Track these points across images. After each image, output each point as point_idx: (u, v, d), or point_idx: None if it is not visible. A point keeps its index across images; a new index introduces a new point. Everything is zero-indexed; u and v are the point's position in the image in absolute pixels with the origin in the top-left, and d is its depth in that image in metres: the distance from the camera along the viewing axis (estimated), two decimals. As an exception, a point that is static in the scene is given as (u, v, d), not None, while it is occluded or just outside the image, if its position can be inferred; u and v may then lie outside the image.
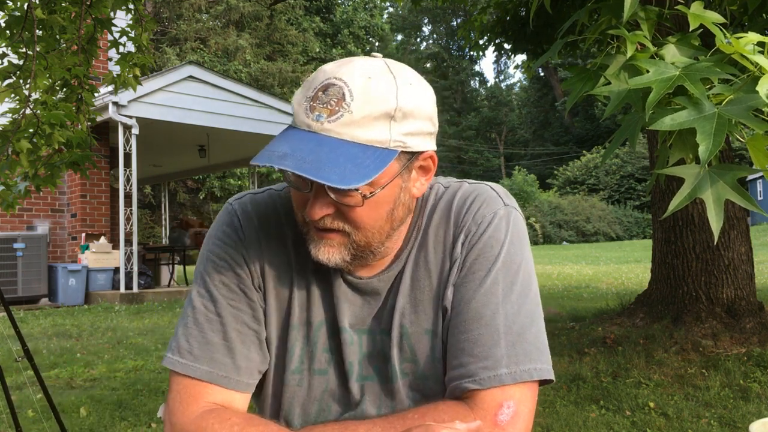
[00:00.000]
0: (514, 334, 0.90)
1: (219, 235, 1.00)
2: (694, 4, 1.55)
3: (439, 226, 0.99)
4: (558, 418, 3.42)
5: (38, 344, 5.88)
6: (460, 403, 0.89)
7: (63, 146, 2.60)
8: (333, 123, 0.83)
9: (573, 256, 19.85)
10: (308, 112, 0.84)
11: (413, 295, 0.97)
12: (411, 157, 0.90)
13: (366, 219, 0.89)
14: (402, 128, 0.86)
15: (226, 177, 22.46)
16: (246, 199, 1.03)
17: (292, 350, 0.98)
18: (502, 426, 0.86)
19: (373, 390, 0.97)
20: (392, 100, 0.84)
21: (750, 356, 4.21)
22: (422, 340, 0.96)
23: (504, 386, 0.87)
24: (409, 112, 0.86)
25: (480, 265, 0.94)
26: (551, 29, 6.21)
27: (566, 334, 5.39)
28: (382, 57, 0.92)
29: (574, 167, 36.45)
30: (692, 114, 1.24)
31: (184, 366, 0.94)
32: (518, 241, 0.97)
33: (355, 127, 0.83)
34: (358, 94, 0.83)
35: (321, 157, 0.81)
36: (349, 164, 0.81)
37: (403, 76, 0.88)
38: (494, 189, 1.01)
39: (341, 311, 0.98)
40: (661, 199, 5.40)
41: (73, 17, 2.75)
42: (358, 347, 0.98)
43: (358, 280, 0.98)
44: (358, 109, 0.83)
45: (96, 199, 9.91)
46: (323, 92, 0.84)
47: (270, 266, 0.99)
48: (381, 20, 32.32)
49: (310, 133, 0.84)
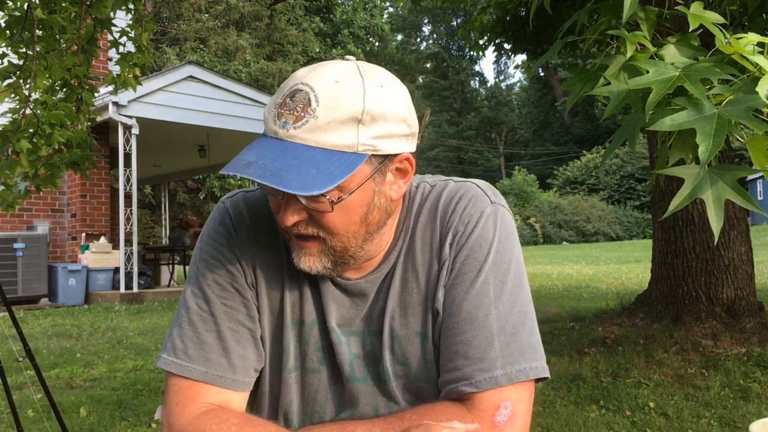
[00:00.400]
0: (507, 334, 0.89)
1: (211, 234, 1.00)
2: (693, 5, 1.55)
3: (425, 226, 0.98)
4: (558, 418, 3.42)
5: (38, 344, 5.88)
6: (458, 404, 0.89)
7: (63, 146, 2.60)
8: (298, 129, 0.82)
9: (573, 256, 19.85)
10: (276, 119, 0.84)
11: (402, 298, 0.97)
12: (384, 160, 0.88)
13: (338, 224, 0.88)
14: (371, 132, 0.84)
15: (226, 177, 22.45)
16: (238, 197, 1.03)
17: (287, 348, 0.98)
18: (499, 427, 0.86)
19: (367, 391, 0.97)
20: (359, 103, 0.83)
21: (750, 356, 4.22)
22: (412, 342, 0.96)
23: (500, 387, 0.87)
24: (378, 114, 0.84)
25: (470, 266, 0.93)
26: (551, 29, 6.21)
27: (566, 334, 5.39)
28: (356, 60, 0.90)
29: (574, 167, 36.45)
30: (692, 114, 1.24)
31: (180, 366, 0.94)
32: (507, 239, 0.95)
33: (321, 133, 0.82)
34: (324, 99, 0.82)
35: (284, 164, 0.80)
36: (313, 170, 0.80)
37: (372, 78, 0.86)
38: (480, 186, 1.00)
39: (329, 311, 0.98)
40: (661, 199, 5.40)
41: (73, 17, 2.75)
42: (347, 348, 0.98)
43: (346, 281, 0.98)
44: (323, 114, 0.82)
45: (96, 199, 9.92)
46: (290, 98, 0.84)
47: (262, 264, 0.99)
48: (381, 20, 32.32)
49: (276, 140, 0.83)
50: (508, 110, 50.88)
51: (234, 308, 0.96)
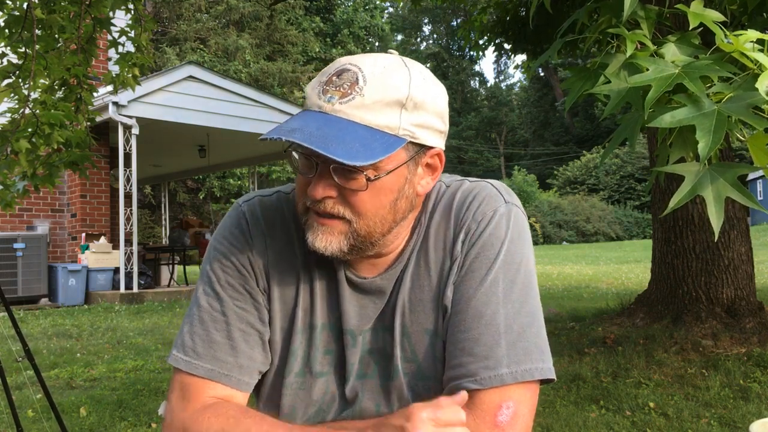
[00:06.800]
0: (514, 334, 0.89)
1: (227, 235, 1.01)
2: (693, 3, 1.54)
3: (439, 224, 0.98)
4: (558, 418, 3.42)
5: (38, 344, 5.88)
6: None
7: (62, 146, 2.60)
8: (344, 104, 0.84)
9: (573, 256, 19.84)
10: (320, 94, 0.86)
11: (413, 294, 0.97)
12: (419, 150, 0.90)
13: (368, 205, 0.89)
14: (412, 118, 0.87)
15: (226, 177, 22.46)
16: (254, 201, 1.03)
17: (295, 353, 0.98)
18: (501, 427, 0.85)
19: (371, 387, 0.97)
20: (404, 89, 0.86)
21: (750, 356, 4.21)
22: (422, 339, 0.96)
23: (504, 386, 0.87)
24: (420, 103, 0.87)
25: (480, 263, 0.93)
26: (551, 29, 6.20)
27: (566, 334, 5.39)
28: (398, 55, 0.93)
29: (574, 167, 36.44)
30: (692, 111, 1.24)
31: (188, 364, 0.94)
32: (519, 239, 0.95)
33: (366, 111, 0.84)
34: (372, 79, 0.85)
35: (328, 133, 0.82)
36: (356, 144, 0.81)
37: (417, 70, 0.90)
38: (495, 186, 1.00)
39: (346, 313, 0.98)
40: (661, 199, 5.40)
41: (72, 17, 2.75)
42: (360, 347, 0.98)
43: (362, 280, 0.98)
44: (370, 93, 0.84)
45: (96, 199, 9.91)
46: (337, 76, 0.86)
47: (276, 269, 0.99)
48: (381, 20, 32.32)
49: (320, 114, 0.85)
50: (508, 110, 50.88)
51: (245, 310, 0.97)
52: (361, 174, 0.85)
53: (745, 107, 1.21)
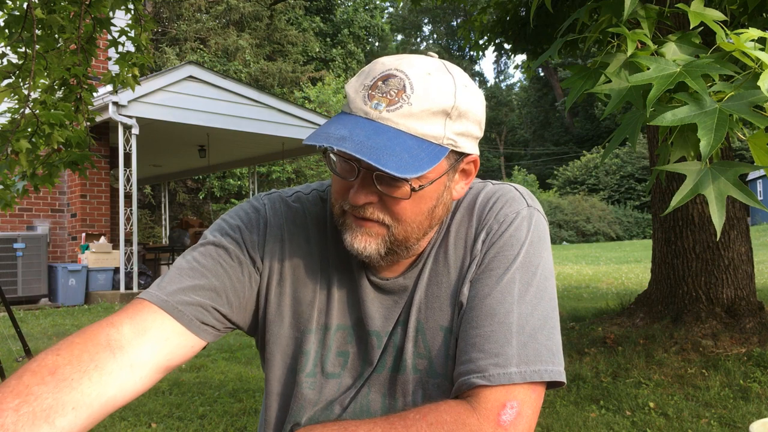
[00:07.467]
0: (526, 335, 0.89)
1: (240, 213, 1.01)
2: (694, 3, 1.54)
3: (461, 223, 0.99)
4: (558, 418, 3.42)
5: (38, 344, 5.87)
6: (462, 402, 0.88)
7: (62, 146, 2.60)
8: (392, 113, 0.83)
9: (573, 256, 19.84)
10: (366, 99, 0.85)
11: (430, 290, 0.98)
12: (459, 158, 0.91)
13: (409, 213, 0.89)
14: (455, 127, 0.87)
15: (226, 177, 22.45)
16: (275, 197, 1.04)
17: (308, 353, 0.98)
18: (504, 426, 0.85)
19: (379, 380, 0.98)
20: (450, 98, 0.86)
21: (750, 356, 4.21)
22: (437, 337, 0.96)
23: (510, 385, 0.86)
24: (464, 112, 0.87)
25: (498, 262, 0.94)
26: (551, 29, 6.20)
27: (566, 334, 5.39)
28: (438, 57, 0.93)
29: (574, 167, 36.44)
30: (693, 110, 1.24)
31: (146, 293, 0.92)
32: (538, 243, 0.96)
33: (413, 120, 0.83)
34: (419, 87, 0.84)
35: (378, 143, 0.81)
36: (406, 154, 0.81)
37: (460, 77, 0.90)
38: (518, 190, 1.01)
39: (369, 316, 0.98)
40: (661, 199, 5.39)
41: (72, 17, 2.75)
42: (381, 348, 0.98)
43: (386, 282, 0.98)
44: (417, 102, 0.83)
45: (96, 199, 9.91)
46: (383, 82, 0.85)
47: (290, 265, 0.99)
48: (381, 20, 32.32)
49: (367, 120, 0.84)
50: (508, 110, 50.89)
51: (228, 273, 0.96)
52: (406, 183, 0.86)
53: (747, 106, 1.21)
